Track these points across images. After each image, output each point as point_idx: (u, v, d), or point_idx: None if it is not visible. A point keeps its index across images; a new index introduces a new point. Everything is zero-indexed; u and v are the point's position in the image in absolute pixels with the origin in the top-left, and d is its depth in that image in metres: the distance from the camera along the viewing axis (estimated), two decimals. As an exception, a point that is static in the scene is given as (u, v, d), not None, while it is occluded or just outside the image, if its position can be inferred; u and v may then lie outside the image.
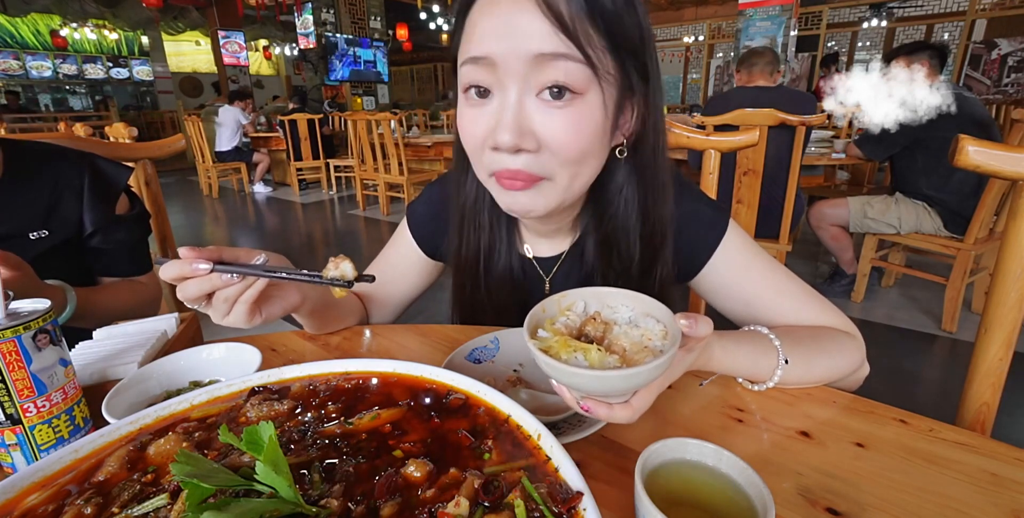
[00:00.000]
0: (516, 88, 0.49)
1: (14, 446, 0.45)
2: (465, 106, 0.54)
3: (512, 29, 0.48)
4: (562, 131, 0.50)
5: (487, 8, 0.49)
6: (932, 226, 2.25)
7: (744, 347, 0.54)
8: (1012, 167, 0.63)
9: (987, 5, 6.70)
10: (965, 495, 0.42)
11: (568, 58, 0.47)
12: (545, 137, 0.50)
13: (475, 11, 0.51)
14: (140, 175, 1.16)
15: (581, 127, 0.50)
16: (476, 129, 0.52)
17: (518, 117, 0.49)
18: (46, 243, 0.87)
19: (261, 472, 0.32)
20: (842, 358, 0.60)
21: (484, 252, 0.69)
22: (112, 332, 0.69)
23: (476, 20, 0.50)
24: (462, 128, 0.55)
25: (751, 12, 5.51)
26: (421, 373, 0.47)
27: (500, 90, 0.50)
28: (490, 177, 0.55)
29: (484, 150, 0.53)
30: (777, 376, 0.55)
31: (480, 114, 0.52)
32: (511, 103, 0.49)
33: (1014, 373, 0.71)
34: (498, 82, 0.50)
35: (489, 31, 0.49)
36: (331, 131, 6.46)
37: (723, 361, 0.52)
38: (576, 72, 0.48)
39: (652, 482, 0.36)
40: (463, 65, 0.51)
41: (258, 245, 4.24)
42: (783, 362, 0.54)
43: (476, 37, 0.50)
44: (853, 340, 0.62)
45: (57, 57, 10.97)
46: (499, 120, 0.50)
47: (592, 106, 0.50)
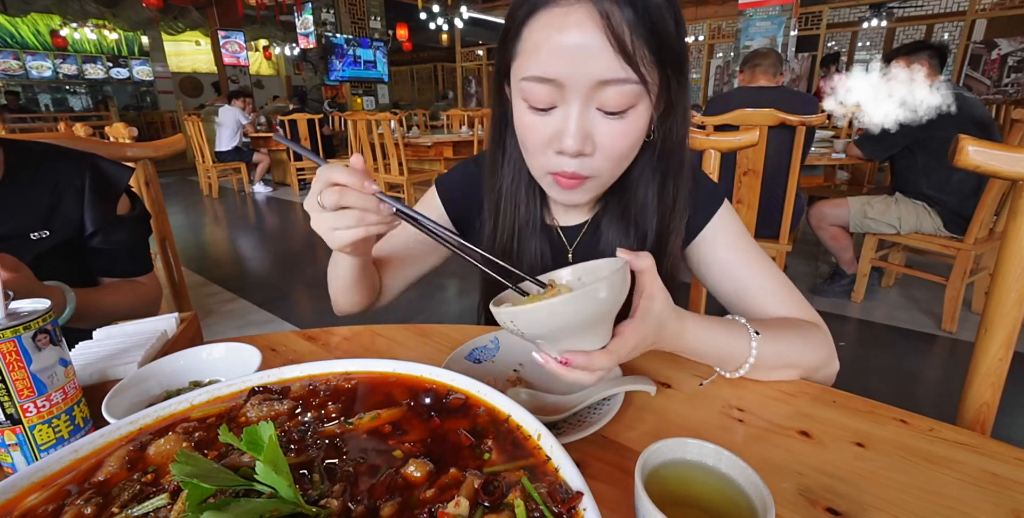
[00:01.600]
0: (579, 104, 0.54)
1: (14, 446, 0.45)
2: (527, 112, 0.58)
3: (579, 55, 0.51)
4: (617, 138, 0.56)
5: (553, 29, 0.52)
6: (932, 226, 2.25)
7: (716, 324, 0.57)
8: (1012, 167, 0.63)
9: (987, 5, 6.69)
10: (965, 495, 0.42)
11: (627, 82, 0.52)
12: (602, 143, 0.56)
13: (537, 26, 0.53)
14: (140, 175, 1.16)
15: (631, 133, 0.57)
16: (540, 134, 0.58)
17: (582, 127, 0.55)
18: (47, 243, 0.87)
19: (261, 472, 0.32)
20: (812, 346, 0.62)
21: (519, 227, 0.72)
22: (112, 332, 0.69)
23: (540, 38, 0.53)
24: (526, 131, 0.59)
25: (751, 12, 5.51)
26: (421, 373, 0.47)
27: (563, 104, 0.55)
28: (546, 175, 0.61)
29: (545, 152, 0.59)
30: (752, 355, 0.56)
31: (544, 121, 0.57)
32: (575, 115, 0.54)
33: (1014, 373, 0.71)
34: (562, 98, 0.54)
35: (555, 54, 0.52)
36: (331, 131, 6.46)
37: (698, 333, 0.54)
38: (631, 92, 0.53)
39: (652, 482, 0.36)
40: (525, 80, 0.55)
41: (258, 245, 4.24)
42: (754, 333, 0.57)
43: (541, 57, 0.53)
44: (821, 332, 0.64)
45: (57, 57, 10.96)
46: (565, 129, 0.55)
47: (640, 114, 0.56)
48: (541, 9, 0.52)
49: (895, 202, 2.33)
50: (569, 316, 0.41)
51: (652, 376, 0.60)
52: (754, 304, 0.67)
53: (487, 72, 11.22)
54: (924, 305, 2.52)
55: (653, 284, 0.49)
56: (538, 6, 0.53)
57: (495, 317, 0.45)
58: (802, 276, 2.94)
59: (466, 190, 0.79)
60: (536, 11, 0.53)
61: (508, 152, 0.69)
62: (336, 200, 0.49)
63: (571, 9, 0.51)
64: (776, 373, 0.60)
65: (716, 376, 0.60)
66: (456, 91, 11.55)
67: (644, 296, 0.48)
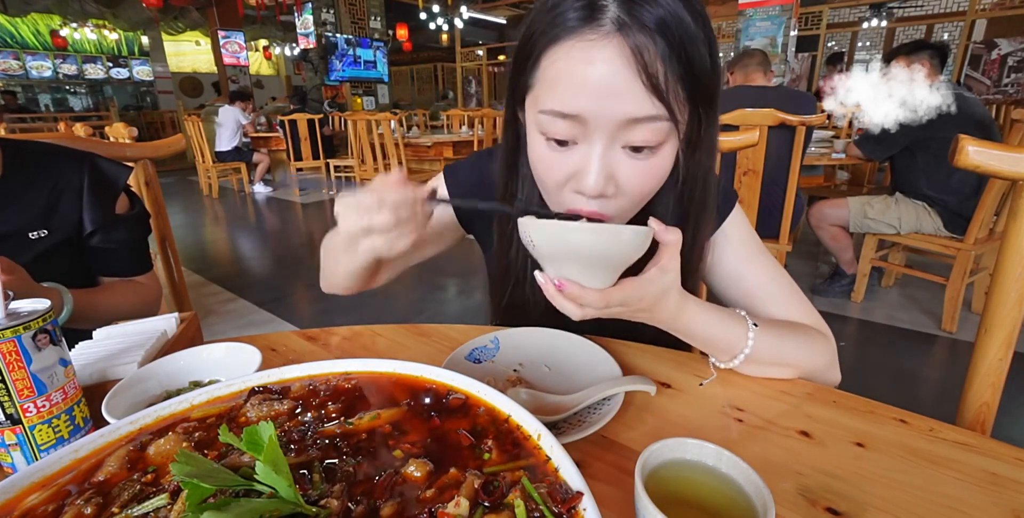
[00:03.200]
0: (603, 142, 0.50)
1: (14, 446, 0.45)
2: (543, 145, 0.53)
3: (607, 93, 0.47)
4: (641, 180, 0.52)
5: (577, 63, 0.47)
6: (932, 226, 2.25)
7: (716, 310, 0.57)
8: (1012, 167, 0.63)
9: (987, 5, 6.69)
10: (965, 495, 0.42)
11: (657, 119, 0.48)
12: (625, 185, 0.52)
13: (559, 56, 0.48)
14: (140, 175, 1.16)
15: (657, 173, 0.53)
16: (558, 172, 0.53)
17: (605, 168, 0.50)
18: (46, 242, 0.87)
19: (261, 472, 0.32)
20: (811, 349, 0.61)
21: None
22: (112, 332, 0.69)
23: (563, 69, 0.48)
24: (542, 165, 0.55)
25: (751, 12, 5.51)
26: (421, 373, 0.47)
27: (585, 141, 0.51)
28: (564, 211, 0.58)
29: (562, 190, 0.54)
30: (748, 345, 0.56)
31: (562, 158, 0.52)
32: (598, 155, 0.50)
33: (1014, 373, 0.71)
34: (584, 135, 0.50)
35: (580, 90, 0.47)
36: (331, 131, 6.46)
37: (697, 314, 0.54)
38: (661, 129, 0.49)
39: (652, 482, 0.36)
40: (544, 114, 0.51)
41: (258, 245, 4.24)
42: (752, 325, 0.56)
43: (563, 91, 0.48)
44: (824, 338, 0.64)
45: (57, 57, 10.96)
46: (586, 169, 0.51)
47: (667, 153, 0.52)
48: (564, 39, 0.48)
49: (895, 202, 2.33)
50: (583, 244, 0.43)
51: (652, 376, 0.60)
52: (761, 309, 0.67)
53: (487, 72, 11.23)
54: (924, 305, 2.52)
55: (670, 260, 0.49)
56: (560, 36, 0.48)
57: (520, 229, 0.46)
58: (802, 276, 2.94)
59: (474, 184, 0.77)
60: (558, 40, 0.48)
61: (521, 177, 0.65)
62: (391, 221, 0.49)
63: (599, 42, 0.46)
64: (771, 370, 0.60)
65: (715, 376, 0.60)
66: (456, 91, 11.56)
67: (658, 266, 0.48)
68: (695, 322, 0.54)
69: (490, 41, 12.47)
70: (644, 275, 0.49)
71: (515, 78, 0.56)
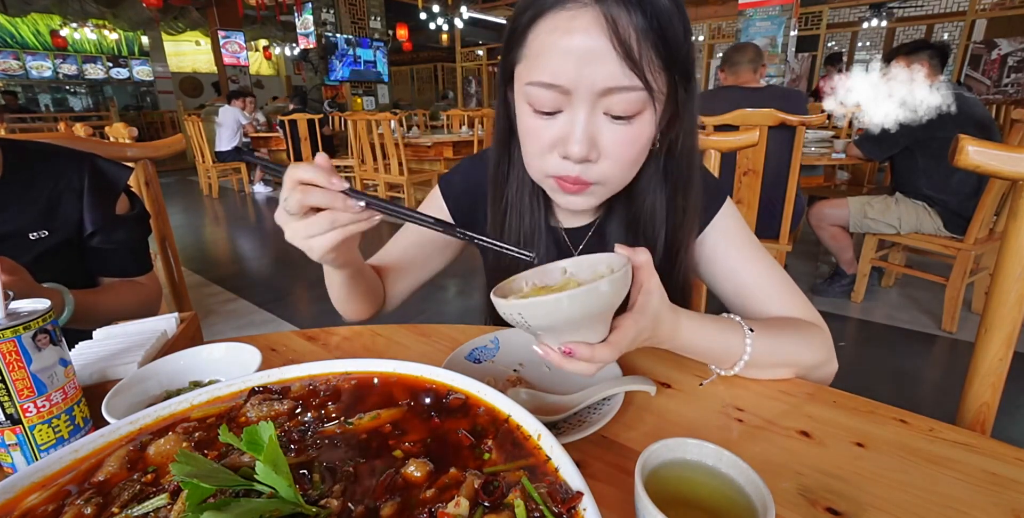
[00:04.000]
0: (585, 109, 0.53)
1: (14, 446, 0.45)
2: (530, 115, 0.57)
3: (585, 63, 0.50)
4: (622, 145, 0.56)
5: (559, 35, 0.51)
6: (932, 226, 2.25)
7: (710, 321, 0.57)
8: (1012, 167, 0.63)
9: (987, 5, 6.69)
10: (965, 495, 0.42)
11: (632, 89, 0.51)
12: (607, 149, 0.56)
13: (542, 30, 0.52)
14: (140, 175, 1.16)
15: (637, 140, 0.56)
16: (543, 138, 0.57)
17: (588, 133, 0.54)
18: (46, 243, 0.87)
19: (261, 472, 0.32)
20: (809, 345, 0.61)
21: (524, 234, 0.72)
22: (112, 332, 0.69)
23: (546, 42, 0.52)
24: (529, 134, 0.58)
25: (751, 12, 5.50)
26: (421, 373, 0.47)
27: (569, 109, 0.54)
28: (547, 178, 0.60)
29: (547, 156, 0.58)
30: (747, 352, 0.56)
31: (548, 125, 0.56)
32: (581, 120, 0.54)
33: (1014, 373, 0.71)
34: (567, 103, 0.54)
35: (561, 61, 0.51)
36: (331, 131, 6.45)
37: (692, 330, 0.54)
38: (637, 99, 0.52)
39: (652, 482, 0.36)
40: (530, 85, 0.54)
41: (258, 245, 4.24)
42: (748, 331, 0.56)
43: (547, 62, 0.52)
44: (820, 331, 0.64)
45: (57, 57, 10.96)
46: (570, 134, 0.54)
47: (646, 121, 0.55)
48: (547, 13, 0.52)
49: (895, 202, 2.33)
50: (573, 310, 0.42)
51: (652, 376, 0.60)
52: (755, 303, 0.67)
53: (487, 72, 11.22)
54: (924, 305, 2.52)
55: (650, 280, 0.49)
56: (543, 10, 0.52)
57: (498, 309, 0.45)
58: (802, 276, 2.94)
59: (470, 187, 0.79)
60: (541, 15, 0.52)
61: (514, 161, 0.68)
62: (301, 199, 0.46)
63: (577, 13, 0.50)
64: (772, 371, 0.60)
65: (715, 376, 0.60)
66: (456, 91, 11.55)
67: (642, 291, 0.48)
68: (692, 335, 0.54)
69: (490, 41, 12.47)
70: (635, 306, 0.48)
71: (505, 57, 0.59)
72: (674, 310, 0.53)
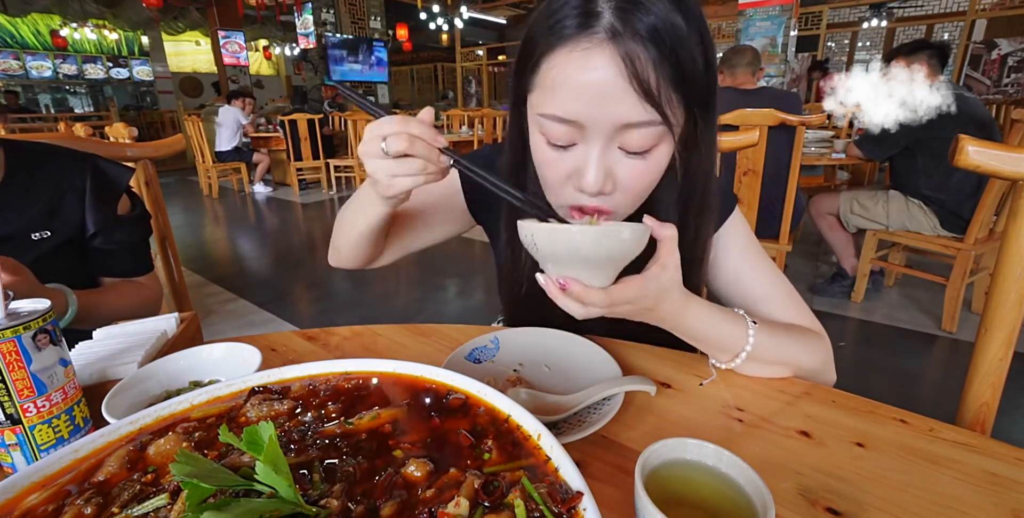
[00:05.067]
0: (600, 144, 0.52)
1: (14, 446, 0.45)
2: (545, 146, 0.56)
3: (601, 99, 0.49)
4: (638, 179, 0.55)
5: (575, 68, 0.49)
6: (928, 225, 2.25)
7: (717, 309, 0.57)
8: (1012, 167, 0.63)
9: (987, 5, 6.69)
10: (965, 495, 0.42)
11: (650, 125, 0.50)
12: (622, 183, 0.55)
13: (556, 62, 0.50)
14: (140, 175, 1.16)
15: (653, 172, 0.55)
16: (559, 171, 0.56)
17: (603, 167, 0.53)
18: (48, 243, 0.87)
19: (261, 472, 0.32)
20: (809, 349, 0.62)
21: None
22: (112, 332, 0.69)
23: (559, 76, 0.50)
24: (544, 165, 0.58)
25: (751, 12, 5.50)
26: (421, 373, 0.47)
27: (584, 143, 0.53)
28: (561, 207, 0.59)
29: (564, 188, 0.57)
30: (749, 343, 0.56)
31: (563, 158, 0.55)
32: (595, 155, 0.52)
33: (1014, 373, 0.71)
34: (582, 137, 0.53)
35: (575, 96, 0.50)
36: (331, 131, 6.46)
37: (698, 314, 0.55)
38: (655, 133, 0.51)
39: (652, 482, 0.36)
40: (543, 117, 0.53)
41: (258, 245, 4.24)
42: (751, 323, 0.57)
43: (561, 97, 0.51)
44: (821, 339, 0.64)
45: (57, 57, 10.96)
46: (585, 168, 0.53)
47: (663, 153, 0.54)
48: (560, 46, 0.50)
49: (887, 199, 2.33)
50: (584, 246, 0.44)
51: (652, 376, 0.60)
52: (758, 311, 0.67)
53: (487, 72, 11.22)
54: (924, 305, 2.52)
55: (669, 256, 0.49)
56: (557, 43, 0.50)
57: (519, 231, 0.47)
58: (802, 276, 2.94)
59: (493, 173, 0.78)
60: (556, 47, 0.50)
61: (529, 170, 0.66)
62: (404, 148, 0.49)
63: (592, 51, 0.48)
64: (771, 369, 0.60)
65: (715, 375, 0.60)
66: (456, 91, 11.55)
67: (658, 263, 0.49)
68: (697, 320, 0.55)
69: (490, 41, 12.47)
70: (646, 272, 0.49)
71: (516, 80, 0.58)
72: (685, 294, 0.53)
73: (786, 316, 0.66)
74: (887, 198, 2.34)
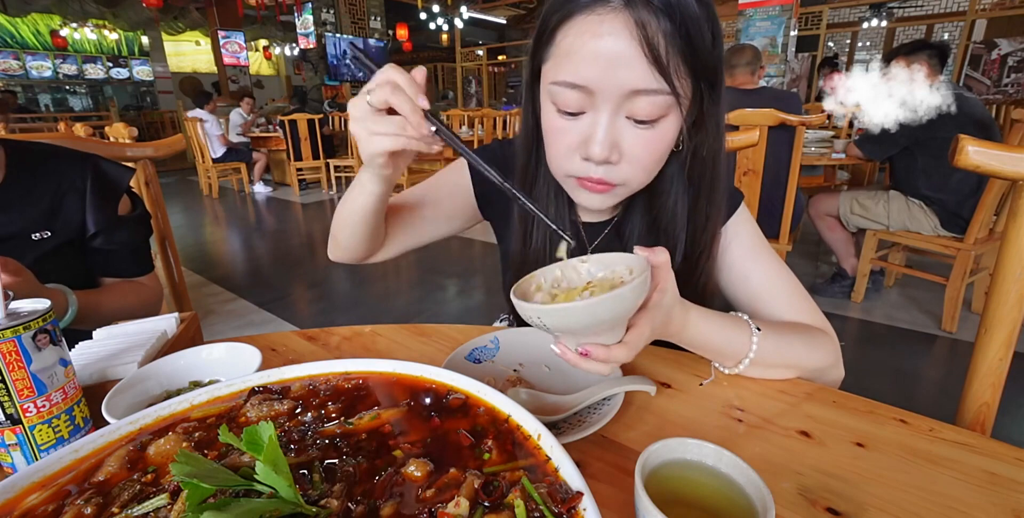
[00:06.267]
0: (608, 111, 0.53)
1: (14, 446, 0.45)
2: (555, 115, 0.57)
3: (612, 64, 0.50)
4: (644, 148, 0.56)
5: (587, 36, 0.51)
6: (928, 225, 2.25)
7: (718, 317, 0.57)
8: (1012, 167, 0.63)
9: (987, 5, 6.69)
10: (965, 495, 0.42)
11: (658, 93, 0.51)
12: (629, 152, 0.56)
13: (571, 31, 0.52)
14: (140, 175, 1.16)
15: (659, 144, 0.56)
16: (567, 138, 0.57)
17: (610, 135, 0.54)
18: (48, 244, 0.87)
19: (261, 472, 0.32)
20: (815, 349, 0.62)
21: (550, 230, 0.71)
22: (112, 332, 0.69)
23: (574, 43, 0.52)
24: (552, 134, 0.59)
25: (751, 12, 5.50)
26: (421, 373, 0.47)
27: (592, 110, 0.54)
28: (568, 177, 0.61)
29: (571, 157, 0.58)
30: (753, 350, 0.57)
31: (572, 126, 0.56)
32: (604, 123, 0.54)
33: (1014, 373, 0.71)
34: (592, 104, 0.54)
35: (588, 61, 0.51)
36: (331, 131, 6.46)
37: (700, 325, 0.55)
38: (662, 103, 0.52)
39: (652, 482, 0.36)
40: (555, 85, 0.54)
41: (258, 245, 4.24)
42: (755, 330, 0.57)
43: (573, 63, 0.52)
44: (828, 338, 0.64)
45: (57, 57, 10.97)
46: (592, 135, 0.55)
47: (670, 125, 0.55)
48: (576, 15, 0.52)
49: (887, 199, 2.33)
50: (593, 316, 0.43)
51: (652, 376, 0.60)
52: (765, 308, 0.67)
53: (487, 72, 11.22)
54: (924, 305, 2.52)
55: (666, 279, 0.50)
56: (573, 12, 0.52)
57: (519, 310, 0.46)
58: (802, 276, 2.91)
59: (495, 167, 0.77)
60: (571, 16, 0.52)
61: (541, 159, 0.68)
62: (385, 98, 0.49)
63: (607, 17, 0.50)
64: (775, 371, 0.60)
65: (715, 376, 0.60)
66: (456, 91, 11.54)
67: (657, 290, 0.49)
68: (700, 331, 0.55)
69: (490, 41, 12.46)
70: (649, 304, 0.49)
71: (533, 56, 0.59)
72: (684, 305, 0.53)
73: (792, 313, 0.66)
74: (887, 198, 2.34)
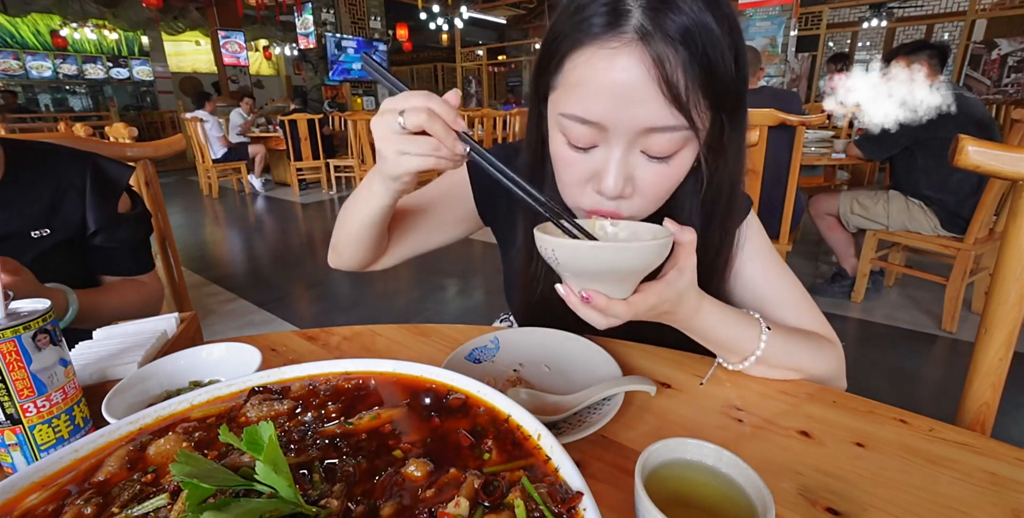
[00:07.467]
0: (622, 147, 0.51)
1: (14, 446, 0.45)
2: (564, 146, 0.54)
3: (626, 101, 0.47)
4: (658, 183, 0.54)
5: (597, 69, 0.47)
6: (928, 225, 2.25)
7: (731, 311, 0.57)
8: (1012, 167, 0.63)
9: (987, 5, 6.69)
10: (965, 495, 0.42)
11: (675, 129, 0.49)
12: (642, 187, 0.54)
13: (580, 61, 0.49)
14: (140, 175, 1.16)
15: (674, 177, 0.54)
16: (578, 171, 0.55)
17: (623, 171, 0.52)
18: (48, 242, 0.87)
19: (261, 472, 0.32)
20: (820, 356, 0.62)
21: None
22: (112, 332, 0.69)
23: (583, 75, 0.49)
24: (562, 165, 0.56)
25: (751, 12, 5.50)
26: (421, 373, 0.47)
27: (605, 144, 0.52)
28: (579, 208, 0.58)
29: (583, 189, 0.56)
30: (760, 348, 0.56)
31: (582, 159, 0.54)
32: (617, 158, 0.51)
33: (1014, 373, 0.71)
34: (604, 139, 0.51)
35: (599, 96, 0.48)
36: (331, 131, 6.46)
37: (712, 315, 0.54)
38: (679, 138, 0.50)
39: (652, 482, 0.36)
40: (564, 117, 0.51)
41: (258, 245, 4.24)
42: (765, 328, 0.56)
43: (583, 97, 0.49)
44: (834, 349, 0.64)
45: (57, 57, 10.95)
46: (605, 171, 0.52)
47: (686, 158, 0.53)
48: (586, 45, 0.48)
49: (887, 199, 2.33)
50: (606, 262, 0.43)
51: (652, 376, 0.60)
52: (772, 315, 0.66)
53: (487, 72, 11.22)
54: (924, 305, 2.52)
55: (687, 259, 0.49)
56: (583, 41, 0.48)
57: (537, 241, 0.45)
58: (802, 276, 2.91)
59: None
60: (580, 45, 0.48)
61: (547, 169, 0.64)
62: (420, 123, 0.47)
63: (620, 51, 0.46)
64: (779, 372, 0.60)
65: (715, 369, 0.60)
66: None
67: (676, 268, 0.48)
68: (711, 321, 0.55)
69: (490, 41, 12.46)
70: (664, 278, 0.49)
71: (538, 77, 0.56)
72: (699, 293, 0.53)
73: (798, 321, 0.65)
74: (887, 198, 2.34)
